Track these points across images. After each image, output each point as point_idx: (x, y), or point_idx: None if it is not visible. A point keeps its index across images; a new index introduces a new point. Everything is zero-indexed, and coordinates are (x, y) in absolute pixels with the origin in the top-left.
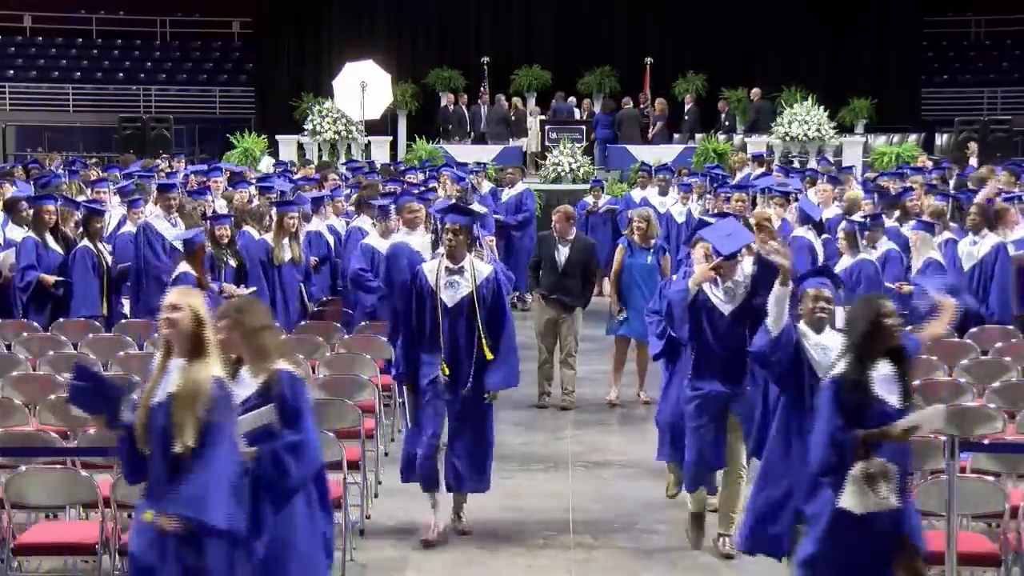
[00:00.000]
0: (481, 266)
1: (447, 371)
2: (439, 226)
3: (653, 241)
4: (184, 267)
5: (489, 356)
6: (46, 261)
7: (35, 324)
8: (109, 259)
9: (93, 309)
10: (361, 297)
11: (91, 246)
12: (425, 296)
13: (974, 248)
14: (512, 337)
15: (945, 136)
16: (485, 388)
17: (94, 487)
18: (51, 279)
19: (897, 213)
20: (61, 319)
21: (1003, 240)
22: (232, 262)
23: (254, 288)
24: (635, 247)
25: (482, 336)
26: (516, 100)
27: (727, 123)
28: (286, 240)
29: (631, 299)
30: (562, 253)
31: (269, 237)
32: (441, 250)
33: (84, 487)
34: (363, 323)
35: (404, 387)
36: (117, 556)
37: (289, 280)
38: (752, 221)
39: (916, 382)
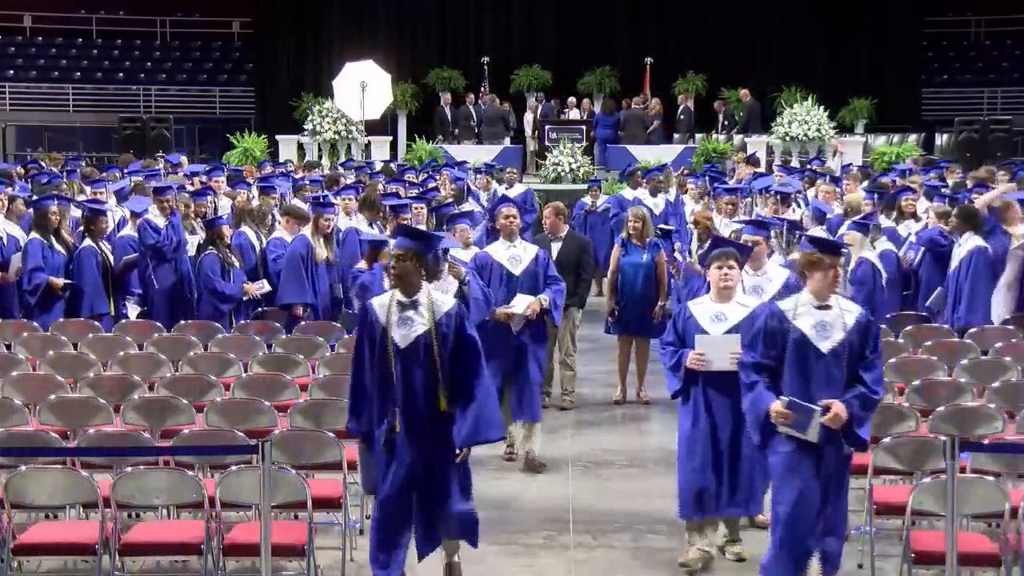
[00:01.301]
0: (441, 299)
1: (398, 427)
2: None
3: (648, 239)
4: (362, 265)
5: (443, 407)
6: (51, 263)
7: (35, 324)
8: (111, 258)
9: (100, 307)
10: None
11: (94, 245)
12: (376, 335)
13: (958, 250)
14: (487, 380)
15: (945, 136)
16: (456, 444)
17: (94, 487)
18: (60, 282)
19: (895, 214)
20: (61, 319)
21: (982, 244)
22: (236, 262)
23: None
24: (630, 246)
25: (439, 382)
26: (495, 99)
27: (726, 122)
28: (321, 239)
29: (629, 297)
30: (553, 250)
31: (307, 234)
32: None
33: (84, 487)
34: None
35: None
36: (117, 556)
37: (323, 277)
38: (692, 219)
39: (916, 382)
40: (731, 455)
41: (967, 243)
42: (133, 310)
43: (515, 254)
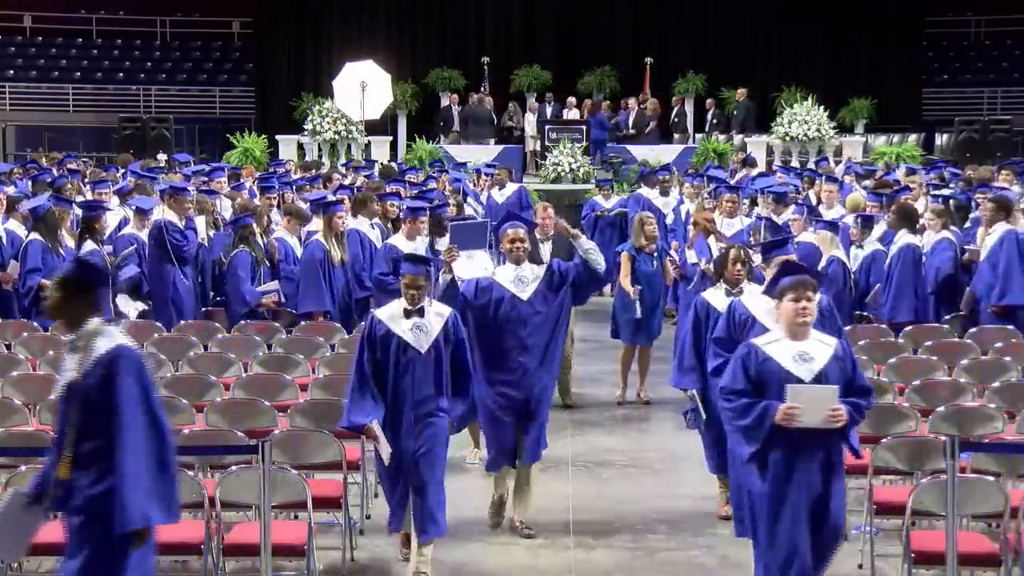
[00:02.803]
0: (106, 336)
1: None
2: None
3: (656, 245)
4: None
5: (64, 474)
6: (51, 265)
7: (35, 324)
8: (109, 261)
9: (103, 313)
10: (381, 299)
11: (96, 248)
12: None
13: (892, 247)
14: (130, 448)
15: (945, 136)
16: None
17: None
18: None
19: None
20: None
21: (913, 242)
22: (267, 261)
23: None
24: (643, 255)
25: (65, 444)
26: (482, 99)
27: (714, 120)
28: (334, 240)
29: (643, 307)
30: (544, 250)
31: (319, 236)
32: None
33: None
34: (363, 323)
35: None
36: None
37: (339, 279)
38: (693, 219)
39: (916, 382)
40: (817, 525)
41: (900, 240)
42: (134, 310)
43: (521, 275)
